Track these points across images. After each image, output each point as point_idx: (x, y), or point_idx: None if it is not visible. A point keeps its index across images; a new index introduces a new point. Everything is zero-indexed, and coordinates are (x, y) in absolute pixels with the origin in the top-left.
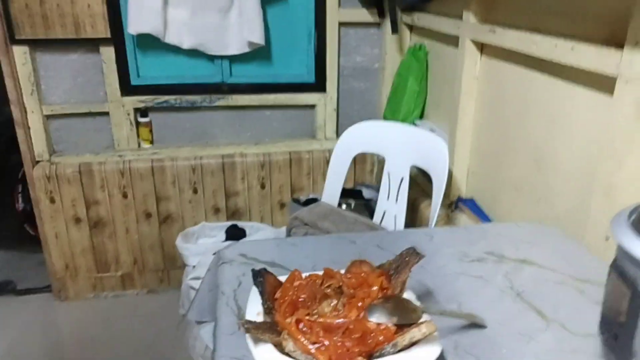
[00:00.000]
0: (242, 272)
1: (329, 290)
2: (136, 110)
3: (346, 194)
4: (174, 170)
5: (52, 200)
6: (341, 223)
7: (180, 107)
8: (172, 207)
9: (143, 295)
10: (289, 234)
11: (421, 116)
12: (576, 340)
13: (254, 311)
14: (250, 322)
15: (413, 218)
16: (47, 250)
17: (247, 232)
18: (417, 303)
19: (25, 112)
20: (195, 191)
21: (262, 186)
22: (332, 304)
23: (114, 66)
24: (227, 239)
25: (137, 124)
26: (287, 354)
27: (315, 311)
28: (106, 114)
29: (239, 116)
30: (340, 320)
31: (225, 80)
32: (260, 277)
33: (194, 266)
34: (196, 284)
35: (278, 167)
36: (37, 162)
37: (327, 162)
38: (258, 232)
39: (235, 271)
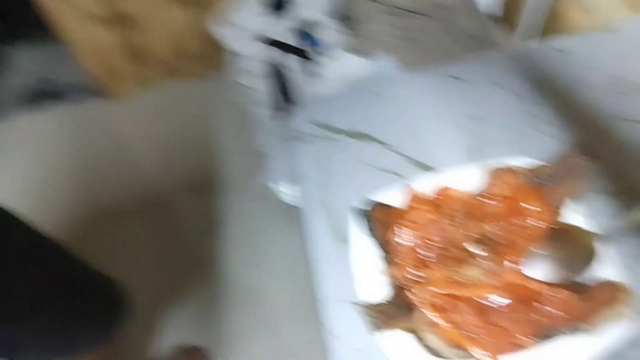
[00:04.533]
0: (329, 158)
1: (468, 239)
2: None
3: None
4: None
5: None
6: None
7: None
8: None
9: (191, 83)
10: None
11: None
12: None
13: (370, 268)
14: (374, 307)
15: None
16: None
17: None
18: (583, 219)
19: None
20: None
21: None
22: (478, 265)
23: None
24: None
25: None
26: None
27: (455, 273)
28: None
29: None
30: (496, 297)
31: None
32: (369, 220)
33: (238, 53)
34: (245, 80)
35: None
36: None
37: None
38: None
39: (319, 157)
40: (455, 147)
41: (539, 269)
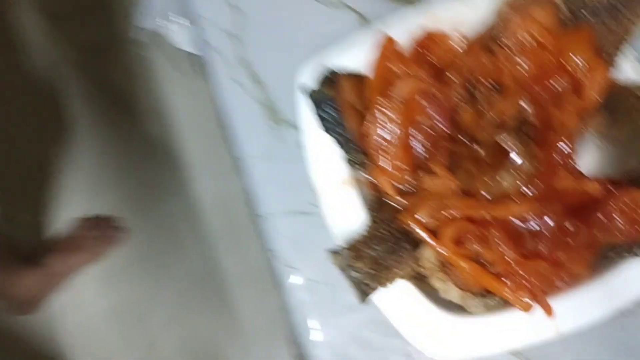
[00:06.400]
0: None
1: (489, 124)
2: None
3: None
4: None
5: None
6: None
7: None
8: None
9: None
10: None
11: None
12: None
13: (332, 178)
14: (354, 251)
15: None
16: None
17: None
18: None
19: None
20: None
21: None
22: (509, 168)
23: None
24: None
25: None
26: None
27: (475, 182)
28: None
29: None
30: (540, 214)
31: None
32: (328, 102)
33: None
34: None
35: None
36: None
37: None
38: None
39: None
40: None
41: (595, 161)
